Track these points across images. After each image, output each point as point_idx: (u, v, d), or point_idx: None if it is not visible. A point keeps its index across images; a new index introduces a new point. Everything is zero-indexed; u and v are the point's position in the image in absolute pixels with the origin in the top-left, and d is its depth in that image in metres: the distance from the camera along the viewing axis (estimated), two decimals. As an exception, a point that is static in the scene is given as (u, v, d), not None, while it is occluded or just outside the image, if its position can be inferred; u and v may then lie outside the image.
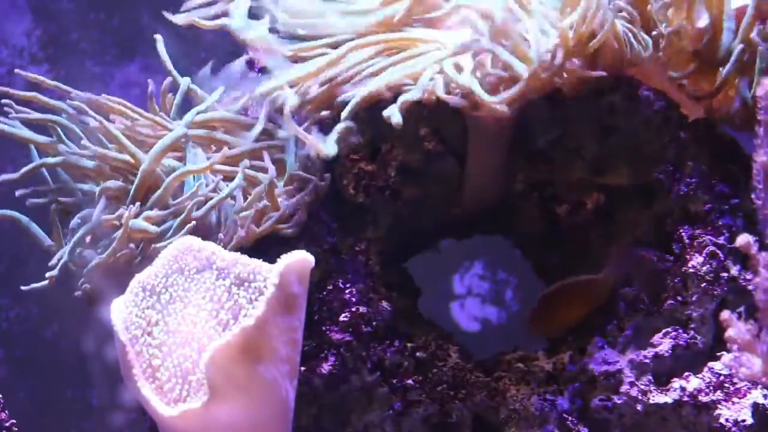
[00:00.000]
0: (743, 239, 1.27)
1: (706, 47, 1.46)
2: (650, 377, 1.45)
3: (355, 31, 1.54)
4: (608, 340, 1.49)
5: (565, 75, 1.43)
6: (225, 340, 1.11)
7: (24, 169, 1.49)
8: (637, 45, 1.46)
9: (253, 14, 1.57)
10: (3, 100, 1.50)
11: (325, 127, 1.49)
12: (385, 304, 1.52)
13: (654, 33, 1.47)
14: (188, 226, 1.42)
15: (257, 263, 1.20)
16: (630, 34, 1.45)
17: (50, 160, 1.49)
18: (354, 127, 1.46)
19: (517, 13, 1.42)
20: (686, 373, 1.44)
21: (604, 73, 1.45)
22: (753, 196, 1.26)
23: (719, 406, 1.40)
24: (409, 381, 1.50)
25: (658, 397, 1.44)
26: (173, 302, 1.22)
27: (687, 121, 1.53)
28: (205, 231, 1.44)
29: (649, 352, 1.46)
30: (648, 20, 1.49)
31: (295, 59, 1.53)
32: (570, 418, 1.47)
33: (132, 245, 1.43)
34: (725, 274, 1.46)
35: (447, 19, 1.56)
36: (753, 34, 1.43)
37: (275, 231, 1.46)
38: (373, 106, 1.55)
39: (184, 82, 1.59)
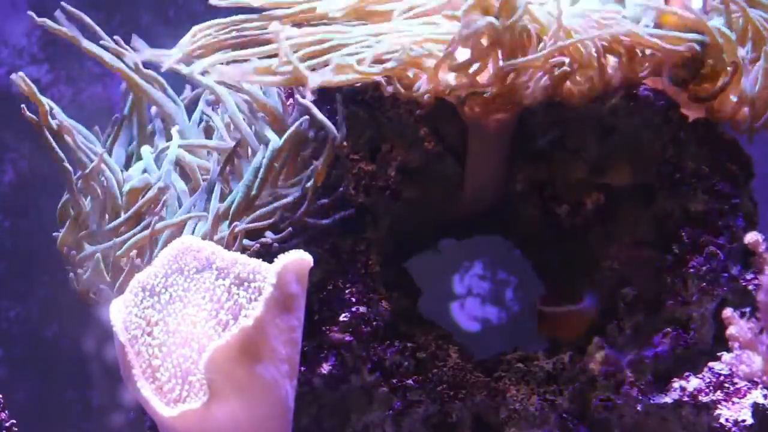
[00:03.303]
0: (752, 237, 1.27)
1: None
2: (650, 377, 1.45)
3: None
4: (608, 340, 1.49)
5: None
6: (224, 341, 1.11)
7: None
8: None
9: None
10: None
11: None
12: (385, 304, 1.52)
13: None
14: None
15: (257, 263, 1.20)
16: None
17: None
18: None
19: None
20: (686, 373, 1.44)
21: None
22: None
23: (719, 406, 1.40)
24: (409, 381, 1.50)
25: (658, 397, 1.44)
26: (173, 302, 1.22)
27: (687, 121, 1.53)
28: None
29: (649, 352, 1.46)
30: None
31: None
32: (570, 418, 1.47)
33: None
34: (725, 274, 1.46)
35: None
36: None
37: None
38: (373, 106, 1.56)
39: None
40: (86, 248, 1.49)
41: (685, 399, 1.42)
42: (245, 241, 1.45)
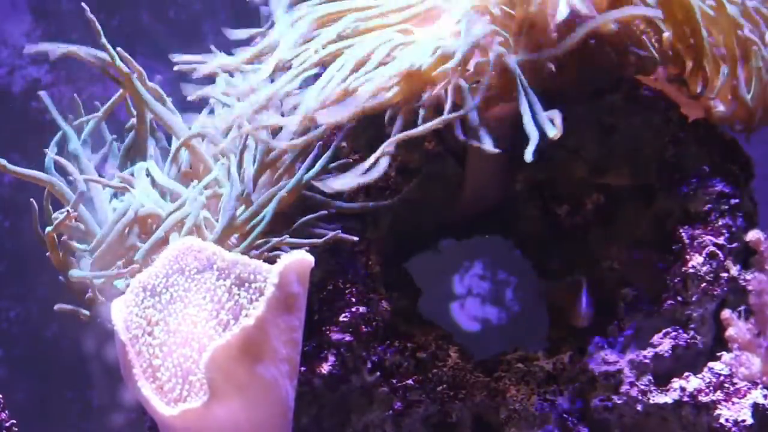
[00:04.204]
0: (754, 235, 1.27)
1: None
2: (650, 377, 1.45)
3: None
4: (608, 340, 1.49)
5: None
6: (225, 340, 1.11)
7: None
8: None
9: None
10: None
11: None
12: (385, 304, 1.52)
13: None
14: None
15: (257, 263, 1.20)
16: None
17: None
18: None
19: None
20: (686, 373, 1.44)
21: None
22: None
23: (719, 406, 1.41)
24: (409, 381, 1.50)
25: (658, 397, 1.44)
26: (174, 302, 1.22)
27: (687, 121, 1.53)
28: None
29: (649, 352, 1.46)
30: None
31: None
32: (570, 418, 1.47)
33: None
34: (725, 274, 1.46)
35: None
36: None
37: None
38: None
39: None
40: (83, 270, 1.49)
41: (685, 399, 1.42)
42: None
